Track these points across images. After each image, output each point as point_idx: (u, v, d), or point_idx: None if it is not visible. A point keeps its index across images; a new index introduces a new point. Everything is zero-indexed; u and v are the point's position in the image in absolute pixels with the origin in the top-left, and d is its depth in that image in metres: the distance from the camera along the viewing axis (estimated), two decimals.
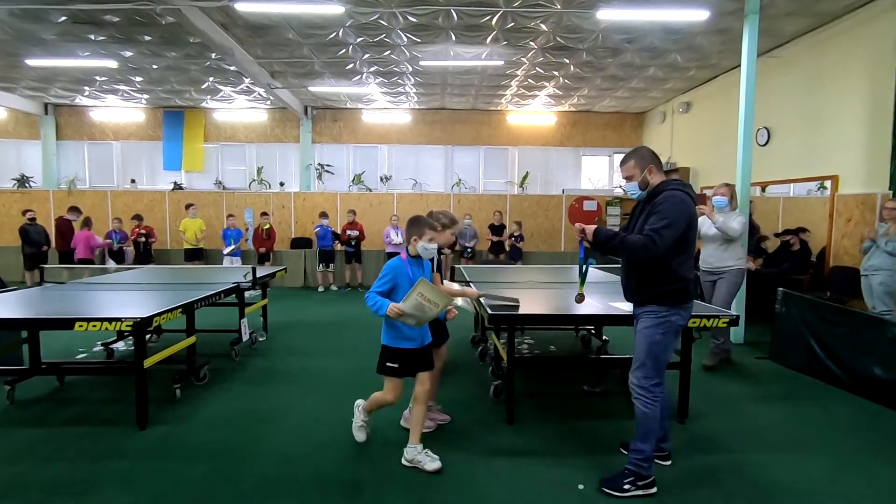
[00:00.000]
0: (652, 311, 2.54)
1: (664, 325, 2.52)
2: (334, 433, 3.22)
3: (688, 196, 2.50)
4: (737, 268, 4.58)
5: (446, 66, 8.19)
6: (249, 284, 4.52)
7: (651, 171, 2.58)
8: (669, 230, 2.39)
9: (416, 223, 2.81)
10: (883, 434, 3.27)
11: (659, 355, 2.54)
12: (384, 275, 2.75)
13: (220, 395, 3.89)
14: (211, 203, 10.92)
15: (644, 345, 2.56)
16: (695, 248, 2.62)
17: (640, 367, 2.58)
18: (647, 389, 2.55)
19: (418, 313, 2.64)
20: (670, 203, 2.43)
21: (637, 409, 2.59)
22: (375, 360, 4.10)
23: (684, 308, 2.56)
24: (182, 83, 9.46)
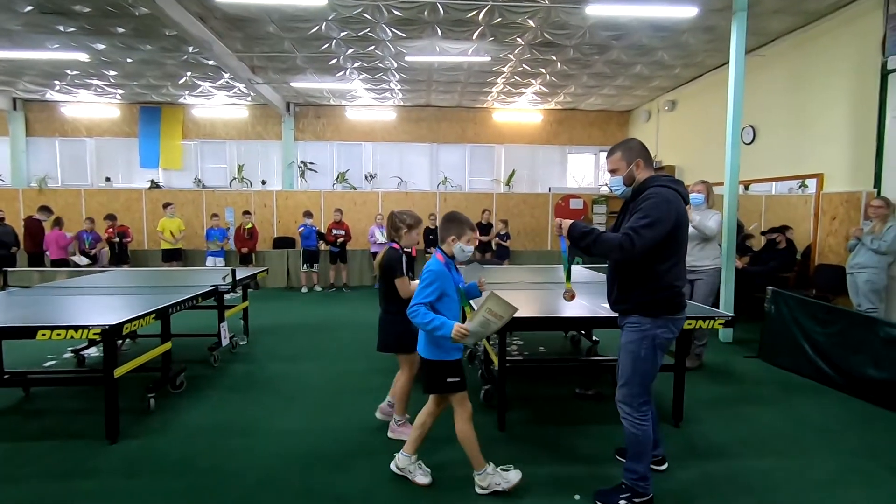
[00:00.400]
0: (636, 322, 2.35)
1: (648, 339, 2.31)
2: (320, 444, 3.07)
3: (676, 194, 2.29)
4: (713, 267, 4.54)
5: (432, 62, 8.04)
6: (229, 287, 4.33)
7: (638, 166, 2.36)
8: (650, 230, 2.17)
9: (455, 221, 2.52)
10: (879, 435, 3.24)
11: (645, 372, 2.36)
12: (428, 281, 2.41)
13: (198, 404, 3.70)
14: (190, 202, 10.60)
15: (628, 361, 2.38)
16: (685, 251, 2.40)
17: (626, 385, 2.40)
18: (635, 409, 2.38)
19: (481, 330, 2.34)
20: (654, 201, 2.22)
21: (625, 429, 2.44)
22: (361, 364, 3.96)
23: (673, 320, 2.34)
24: (158, 78, 9.14)
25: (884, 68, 5.33)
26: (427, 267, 2.47)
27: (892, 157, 5.31)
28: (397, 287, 3.00)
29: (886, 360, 3.65)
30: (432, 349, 2.47)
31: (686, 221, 2.35)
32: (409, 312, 2.39)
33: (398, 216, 3.08)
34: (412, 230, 3.06)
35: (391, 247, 3.07)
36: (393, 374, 4.24)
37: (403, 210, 3.13)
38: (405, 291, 2.98)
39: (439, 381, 2.48)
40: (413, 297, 2.44)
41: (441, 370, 2.47)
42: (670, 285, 2.30)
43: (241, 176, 11.38)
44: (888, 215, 5.13)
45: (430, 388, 2.54)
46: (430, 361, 2.49)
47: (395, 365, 4.50)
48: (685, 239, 2.37)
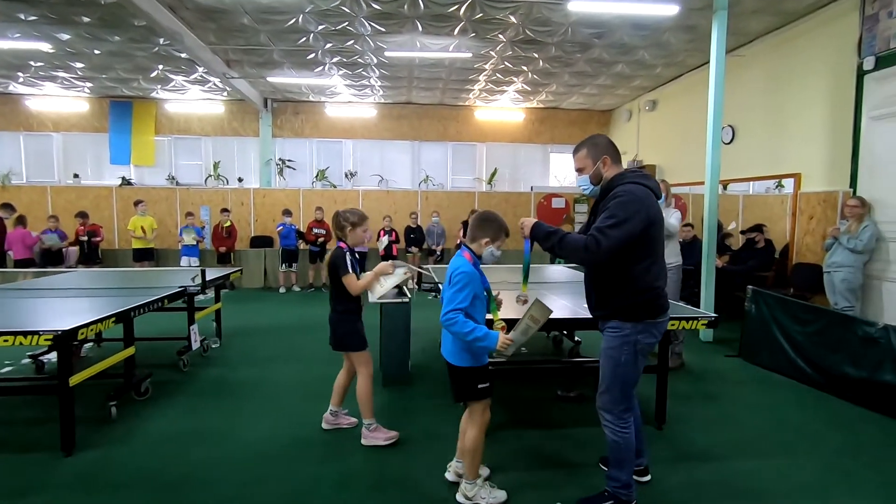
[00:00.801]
0: (615, 327, 2.25)
1: (629, 344, 2.22)
2: (294, 453, 2.93)
3: (647, 190, 2.17)
4: (675, 264, 4.52)
5: (412, 58, 7.91)
6: (198, 288, 4.14)
7: (605, 163, 2.25)
8: (616, 230, 2.06)
9: (492, 223, 2.35)
10: (859, 434, 3.24)
11: (626, 379, 2.27)
12: (462, 284, 2.22)
13: (165, 411, 3.52)
14: (163, 199, 10.26)
15: (608, 367, 2.29)
16: (662, 250, 2.29)
17: (607, 392, 2.31)
18: (617, 416, 2.30)
19: (522, 338, 2.22)
20: (621, 199, 2.10)
21: (607, 436, 2.35)
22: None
23: (654, 324, 2.24)
24: (129, 71, 8.82)
25: (859, 69, 5.39)
26: (457, 268, 2.27)
27: (867, 157, 5.37)
28: (345, 284, 2.93)
29: (864, 358, 3.66)
30: (463, 355, 2.32)
31: (660, 218, 2.22)
32: (445, 321, 2.21)
33: (342, 215, 3.04)
34: (356, 228, 3.03)
35: (338, 245, 3.02)
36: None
37: (347, 209, 3.09)
38: (354, 288, 2.93)
39: (471, 388, 2.35)
40: (445, 304, 2.26)
41: (472, 377, 2.35)
42: (649, 287, 2.20)
43: (216, 173, 11.08)
44: (864, 214, 5.19)
45: (461, 396, 2.39)
46: (460, 369, 2.34)
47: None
48: (660, 237, 2.25)
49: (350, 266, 2.93)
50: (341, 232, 3.03)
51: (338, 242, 3.05)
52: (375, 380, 4.11)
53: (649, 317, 2.23)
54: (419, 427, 3.27)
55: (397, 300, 4.04)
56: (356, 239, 3.04)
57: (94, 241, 8.40)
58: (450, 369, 2.40)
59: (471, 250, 2.36)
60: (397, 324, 4.05)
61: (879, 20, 5.21)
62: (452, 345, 2.34)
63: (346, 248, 3.00)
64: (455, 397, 2.42)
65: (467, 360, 2.33)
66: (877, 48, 5.23)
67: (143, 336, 5.09)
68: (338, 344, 3.07)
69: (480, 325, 2.28)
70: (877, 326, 3.58)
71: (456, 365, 2.35)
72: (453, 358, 2.35)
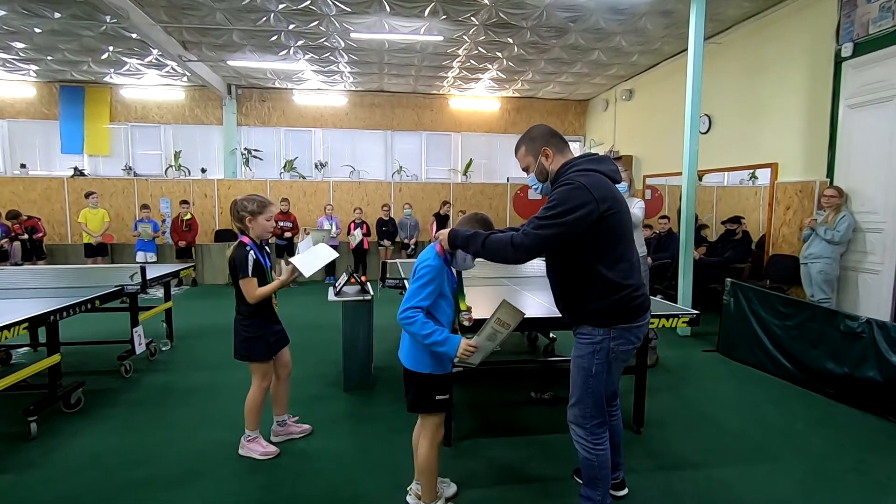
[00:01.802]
0: (586, 334, 2.00)
1: (602, 353, 1.96)
2: (234, 472, 2.62)
3: (598, 175, 1.89)
4: (640, 255, 4.36)
5: (382, 42, 7.54)
6: (137, 287, 3.76)
7: (547, 155, 2.00)
8: (546, 229, 1.81)
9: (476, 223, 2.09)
10: (842, 434, 3.09)
11: (598, 391, 2.01)
12: (427, 279, 1.95)
13: (96, 425, 3.15)
14: (120, 191, 9.68)
15: (579, 378, 2.03)
16: (627, 243, 1.98)
17: (577, 405, 2.06)
18: (589, 431, 2.04)
19: (489, 344, 1.96)
20: (561, 189, 1.85)
21: (579, 453, 2.10)
22: (298, 370, 3.49)
23: (630, 329, 1.97)
24: (76, 52, 8.20)
25: (837, 56, 5.27)
26: (424, 260, 2.00)
27: (844, 146, 5.26)
28: (241, 289, 2.61)
29: (846, 354, 3.53)
30: (422, 360, 2.06)
31: (620, 207, 1.91)
32: (402, 319, 1.95)
33: (239, 204, 2.67)
34: (258, 217, 2.67)
35: (240, 241, 2.67)
36: (327, 382, 3.88)
37: (246, 196, 2.73)
38: (250, 295, 2.60)
39: (427, 399, 2.09)
40: (405, 299, 1.97)
41: (431, 386, 2.08)
42: (618, 286, 1.91)
43: (177, 163, 10.50)
44: (841, 205, 5.10)
45: (415, 406, 2.12)
46: (418, 375, 2.07)
47: (332, 372, 4.09)
48: (623, 227, 1.94)
49: (250, 267, 2.60)
50: (241, 224, 2.67)
51: (239, 237, 2.70)
52: (336, 385, 3.85)
53: (623, 321, 1.95)
54: (380, 439, 3.00)
55: (358, 298, 3.74)
56: (260, 230, 2.68)
57: (36, 237, 7.81)
58: (406, 375, 2.14)
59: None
60: (358, 324, 3.75)
61: (858, 5, 5.09)
62: (411, 347, 2.08)
63: (250, 243, 2.66)
64: (408, 406, 2.15)
65: (427, 365, 2.06)
66: (855, 34, 5.11)
67: (82, 340, 4.73)
68: (237, 351, 2.73)
69: (443, 327, 2.01)
70: (859, 321, 3.45)
71: (413, 370, 2.08)
72: (411, 362, 2.08)
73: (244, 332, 2.71)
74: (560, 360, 4.33)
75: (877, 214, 4.95)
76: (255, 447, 2.77)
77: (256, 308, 2.69)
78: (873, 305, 4.97)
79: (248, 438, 2.79)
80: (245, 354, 2.73)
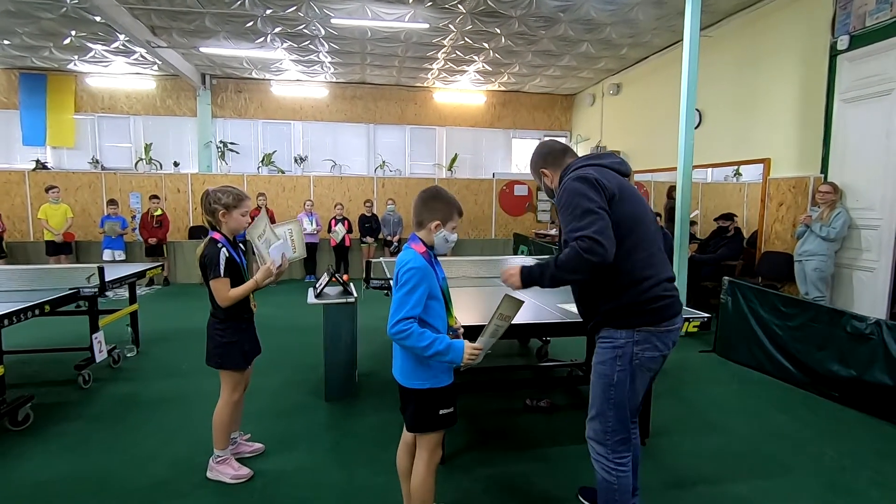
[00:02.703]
0: (607, 338, 1.81)
1: (624, 358, 1.77)
2: (214, 498, 2.32)
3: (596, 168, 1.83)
4: None
5: (364, 29, 7.21)
6: (95, 289, 3.41)
7: (547, 176, 2.03)
8: (599, 220, 1.67)
9: (440, 200, 1.85)
10: (856, 443, 2.94)
11: (621, 403, 1.80)
12: (413, 284, 1.71)
13: (46, 445, 2.82)
14: (86, 185, 9.17)
15: (599, 388, 1.83)
16: (643, 232, 1.81)
17: (597, 418, 1.85)
18: (610, 449, 1.84)
19: (491, 341, 1.78)
20: (564, 197, 1.79)
21: (597, 474, 1.89)
22: (275, 377, 3.21)
23: (655, 333, 1.76)
24: (35, 37, 7.66)
25: (833, 49, 5.16)
26: (405, 263, 1.75)
27: (839, 141, 5.17)
28: (212, 290, 2.34)
29: (852, 356, 3.38)
30: (420, 375, 1.80)
31: (627, 193, 1.80)
32: (395, 334, 1.70)
33: (212, 196, 2.39)
34: (233, 211, 2.39)
35: (211, 237, 2.39)
36: (307, 391, 3.58)
37: (220, 187, 2.44)
38: (221, 297, 2.33)
39: (430, 415, 1.83)
40: (393, 311, 1.72)
41: (433, 401, 1.82)
42: (634, 278, 1.74)
43: (148, 157, 9.98)
44: (836, 201, 5.00)
45: (418, 426, 1.85)
46: (416, 392, 1.81)
47: (312, 379, 3.80)
48: (637, 215, 1.80)
49: (223, 266, 2.31)
50: (213, 218, 2.39)
51: (210, 232, 2.41)
52: (318, 394, 3.56)
53: (647, 322, 1.75)
54: (366, 456, 2.73)
55: (341, 300, 3.46)
56: (235, 225, 2.40)
57: None
58: (403, 393, 1.87)
59: (421, 240, 1.85)
60: (341, 328, 3.47)
61: None
62: (404, 362, 1.82)
63: (223, 239, 2.38)
64: (409, 425, 1.89)
65: (427, 380, 1.80)
66: (851, 26, 5.00)
67: (35, 347, 4.35)
68: (209, 358, 2.45)
69: (440, 333, 1.76)
70: (867, 321, 3.31)
71: (410, 388, 1.82)
72: (407, 379, 1.83)
73: (219, 337, 2.43)
74: (555, 364, 4.12)
75: (873, 211, 4.86)
76: (226, 469, 2.48)
77: (233, 311, 2.41)
78: (868, 303, 4.88)
79: (217, 459, 2.51)
80: (218, 361, 2.44)
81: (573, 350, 4.31)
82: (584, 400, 3.52)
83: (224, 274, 2.32)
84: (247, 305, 2.49)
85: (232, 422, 2.54)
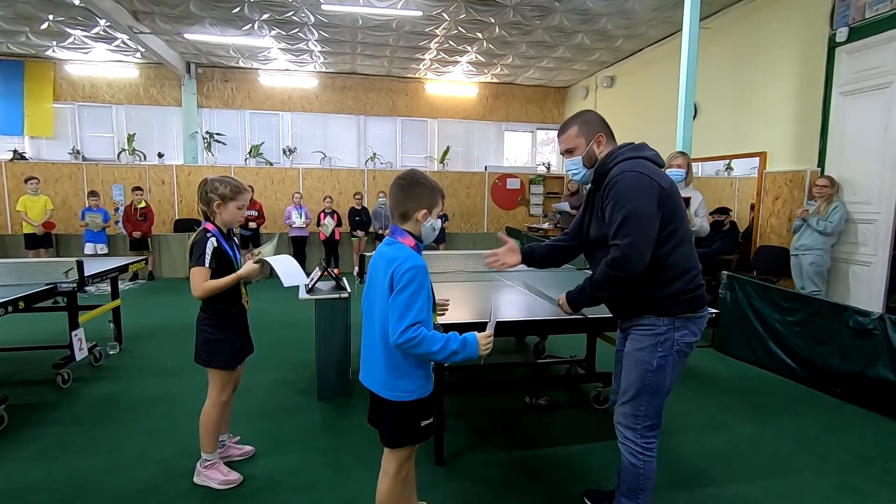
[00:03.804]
0: (648, 325, 1.80)
1: (667, 345, 1.78)
2: (204, 501, 2.20)
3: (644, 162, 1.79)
4: None
5: (355, 17, 7.02)
6: (73, 285, 3.24)
7: (600, 143, 1.89)
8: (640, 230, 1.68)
9: (424, 187, 1.69)
10: (863, 441, 2.89)
11: (658, 389, 1.80)
12: (419, 284, 1.55)
13: (22, 450, 2.66)
14: (66, 176, 8.89)
15: (636, 373, 1.82)
16: (682, 223, 1.82)
17: (631, 402, 1.84)
18: (640, 434, 1.83)
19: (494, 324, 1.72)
20: (617, 188, 1.73)
21: (623, 457, 1.87)
22: (266, 376, 3.07)
23: (693, 319, 1.81)
24: (11, 21, 7.35)
25: (831, 41, 5.11)
26: (402, 262, 1.57)
27: (836, 134, 5.13)
28: (190, 278, 2.21)
29: (856, 351, 3.34)
30: (407, 384, 1.64)
31: (671, 190, 1.78)
32: (405, 343, 1.53)
33: (210, 185, 2.29)
34: (229, 203, 2.29)
35: (204, 227, 2.29)
36: (298, 390, 3.45)
37: (220, 176, 2.35)
38: (195, 285, 2.19)
39: (412, 428, 1.69)
40: (396, 317, 1.55)
41: (414, 412, 1.68)
42: (684, 270, 1.78)
43: (131, 147, 9.69)
44: (833, 195, 4.97)
45: (398, 440, 1.70)
46: (400, 404, 1.65)
47: (304, 377, 3.67)
48: (678, 207, 1.80)
49: (208, 256, 2.19)
50: (208, 208, 2.29)
51: (203, 222, 2.31)
52: (310, 394, 3.43)
53: (688, 310, 1.79)
54: (361, 459, 2.62)
55: (334, 295, 3.33)
56: (229, 218, 2.30)
57: None
58: (378, 405, 1.71)
59: (409, 232, 1.68)
60: (334, 324, 3.34)
61: None
62: (388, 372, 1.64)
63: (214, 230, 2.27)
64: (387, 440, 1.71)
65: (413, 391, 1.65)
66: (850, 18, 4.95)
67: (11, 346, 4.17)
68: (197, 355, 2.33)
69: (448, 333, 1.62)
70: (871, 317, 3.26)
71: (394, 400, 1.65)
72: (387, 390, 1.66)
73: (207, 334, 2.30)
74: (553, 361, 4.04)
75: (870, 205, 4.84)
76: (214, 474, 2.36)
77: (223, 306, 2.29)
78: (864, 298, 4.87)
79: (205, 464, 2.38)
80: (206, 359, 2.31)
81: (571, 346, 4.23)
82: (584, 397, 3.45)
83: (209, 264, 2.19)
84: (238, 301, 2.36)
85: (220, 424, 2.41)
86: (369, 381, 1.72)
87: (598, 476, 2.45)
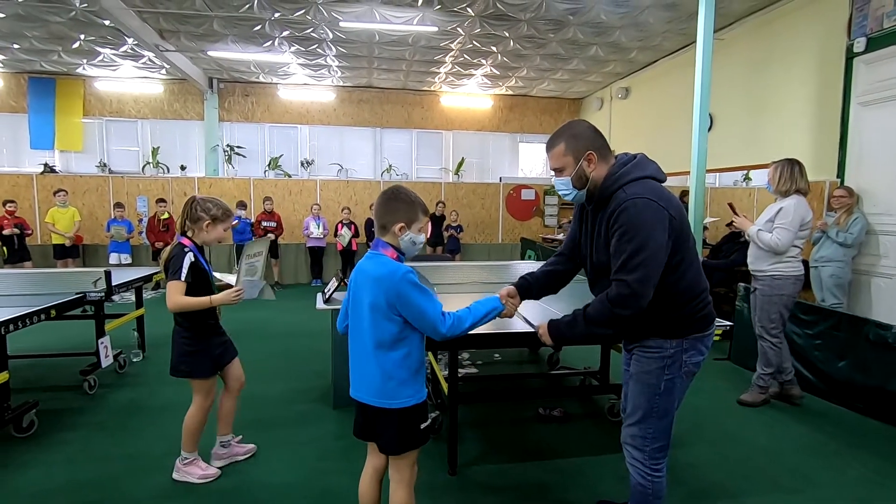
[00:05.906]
0: (654, 347, 1.74)
1: (674, 367, 1.73)
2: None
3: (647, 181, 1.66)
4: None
5: (372, 33, 7.19)
6: (102, 294, 3.37)
7: (591, 161, 1.70)
8: (641, 266, 1.56)
9: (402, 201, 1.72)
10: (881, 458, 2.83)
11: (666, 410, 1.77)
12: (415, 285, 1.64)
13: (48, 454, 2.77)
14: (93, 189, 9.17)
15: (643, 396, 1.77)
16: (689, 246, 1.72)
17: (638, 424, 1.80)
18: (648, 455, 1.79)
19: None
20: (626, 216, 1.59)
21: (632, 478, 1.85)
22: (279, 385, 3.12)
23: (701, 339, 1.75)
24: (45, 41, 7.70)
25: (849, 51, 5.08)
26: (393, 276, 1.62)
27: (855, 145, 5.08)
28: (166, 291, 2.30)
29: (876, 365, 3.28)
30: (404, 390, 1.68)
31: (679, 213, 1.66)
32: (450, 329, 1.67)
33: (201, 204, 2.39)
34: (218, 224, 2.41)
35: (180, 241, 2.38)
36: (313, 398, 3.53)
37: (209, 197, 2.46)
38: (171, 299, 2.28)
39: (414, 432, 1.72)
40: (428, 317, 1.64)
41: (414, 416, 1.72)
42: (692, 292, 1.71)
43: (155, 160, 10.01)
44: (852, 205, 4.90)
45: (402, 446, 1.72)
46: (400, 411, 1.69)
47: (320, 386, 3.73)
48: (685, 229, 1.69)
49: (185, 271, 2.27)
50: (195, 225, 2.37)
51: (179, 237, 2.39)
52: (325, 401, 3.49)
53: (696, 330, 1.74)
54: None
55: None
56: (213, 237, 2.40)
57: (24, 235, 7.20)
58: (377, 416, 1.71)
59: (391, 245, 1.73)
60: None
61: None
62: (383, 380, 1.66)
63: (191, 245, 2.36)
64: (391, 448, 1.73)
65: (411, 396, 1.69)
66: (868, 28, 4.92)
67: (41, 352, 4.31)
68: (174, 368, 2.43)
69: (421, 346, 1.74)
70: (892, 330, 3.20)
71: (392, 409, 1.68)
72: (389, 399, 1.67)
73: (185, 346, 2.41)
74: (567, 372, 4.04)
75: (891, 216, 4.77)
76: (193, 470, 2.48)
77: (197, 317, 2.40)
78: (885, 311, 4.78)
79: (185, 461, 2.50)
80: (186, 371, 2.42)
81: (585, 357, 4.23)
82: (598, 409, 3.45)
83: (185, 279, 2.28)
84: (212, 311, 2.47)
85: (202, 427, 2.52)
86: (362, 395, 1.72)
87: (611, 488, 2.45)
